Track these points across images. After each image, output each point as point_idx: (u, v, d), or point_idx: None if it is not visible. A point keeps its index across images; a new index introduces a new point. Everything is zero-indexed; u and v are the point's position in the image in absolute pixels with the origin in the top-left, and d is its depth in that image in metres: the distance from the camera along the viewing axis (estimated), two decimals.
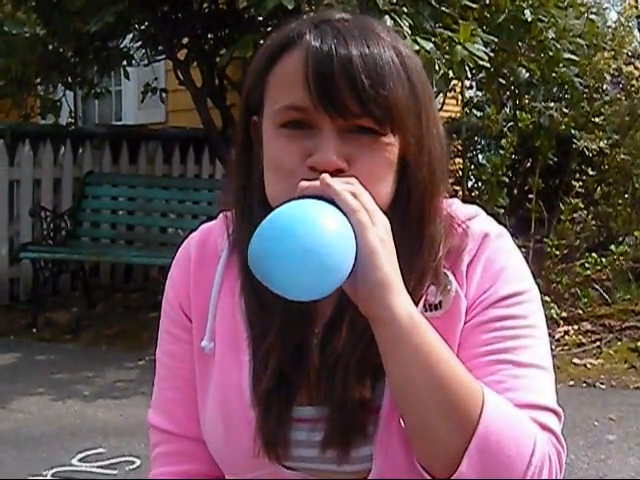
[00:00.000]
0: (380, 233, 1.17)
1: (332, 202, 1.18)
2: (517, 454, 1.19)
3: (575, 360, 6.48)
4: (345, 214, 1.17)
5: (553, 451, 1.24)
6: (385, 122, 1.24)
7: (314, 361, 1.32)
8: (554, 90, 8.50)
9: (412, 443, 1.24)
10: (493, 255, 1.35)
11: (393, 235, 1.20)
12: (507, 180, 7.69)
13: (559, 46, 7.36)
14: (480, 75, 7.91)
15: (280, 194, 1.25)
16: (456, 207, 1.39)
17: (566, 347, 6.74)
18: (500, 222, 1.43)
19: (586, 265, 7.47)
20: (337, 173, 1.22)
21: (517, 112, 8.12)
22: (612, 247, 7.61)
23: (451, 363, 1.21)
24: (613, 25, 10.05)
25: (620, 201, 9.19)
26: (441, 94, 7.94)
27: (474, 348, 1.30)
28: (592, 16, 8.14)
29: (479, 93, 9.67)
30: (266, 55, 1.32)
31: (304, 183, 1.19)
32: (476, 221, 1.38)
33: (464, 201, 1.44)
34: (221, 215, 1.46)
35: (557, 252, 7.48)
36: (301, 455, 1.33)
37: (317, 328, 1.35)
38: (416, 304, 1.24)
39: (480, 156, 9.75)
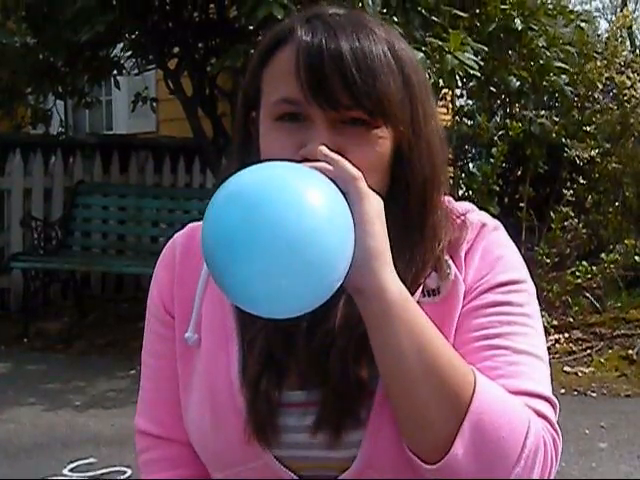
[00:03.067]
0: (377, 204, 1.19)
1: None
2: (510, 436, 1.18)
3: (566, 368, 6.49)
4: (337, 185, 1.17)
5: (548, 436, 1.23)
6: (376, 114, 1.25)
7: (304, 344, 1.31)
8: (545, 98, 8.53)
9: (401, 427, 1.23)
10: (490, 245, 1.36)
11: (395, 226, 1.22)
12: (498, 189, 7.70)
13: (549, 54, 7.38)
14: (471, 84, 7.93)
15: None
16: (452, 203, 1.41)
17: (557, 355, 6.75)
18: None
19: (577, 273, 7.49)
20: None
21: (508, 120, 8.13)
22: (603, 255, 7.63)
23: (442, 343, 1.21)
24: (605, 34, 10.09)
25: (611, 209, 9.21)
26: None
27: (469, 332, 1.30)
28: (581, 24, 8.16)
29: (470, 102, 9.68)
30: (261, 52, 1.34)
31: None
32: (473, 213, 1.40)
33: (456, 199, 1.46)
34: None
35: (548, 260, 7.49)
36: (291, 441, 1.32)
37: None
38: (415, 292, 1.26)
39: (471, 165, 9.75)
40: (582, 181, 8.94)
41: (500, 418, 1.18)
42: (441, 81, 6.00)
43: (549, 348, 6.81)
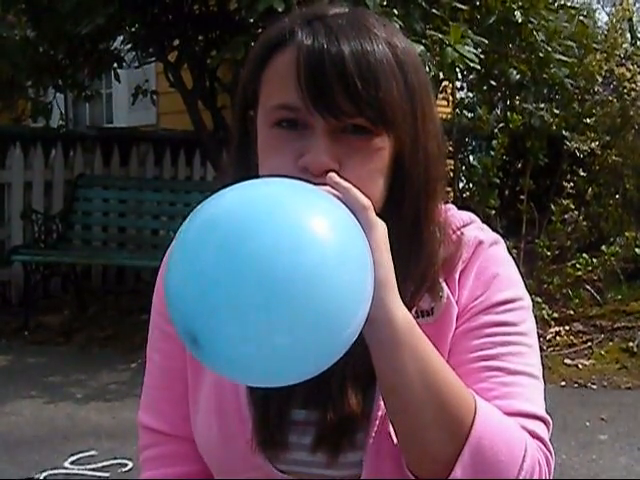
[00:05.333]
0: (383, 230, 1.15)
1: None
2: (509, 459, 1.19)
3: (566, 361, 6.50)
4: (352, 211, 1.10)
5: (542, 457, 1.24)
6: (378, 122, 1.22)
7: None
8: (545, 91, 8.50)
9: (403, 449, 1.23)
10: (486, 263, 1.35)
11: (390, 239, 1.19)
12: (498, 181, 7.69)
13: (549, 47, 7.36)
14: (471, 76, 7.92)
15: None
16: (452, 213, 1.39)
17: (557, 348, 6.76)
18: (491, 223, 1.43)
19: (577, 266, 7.48)
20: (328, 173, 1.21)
21: (508, 113, 8.12)
22: (603, 248, 7.63)
23: (445, 369, 1.20)
24: (604, 26, 10.07)
25: (611, 202, 9.21)
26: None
27: (464, 354, 1.30)
28: (582, 18, 8.15)
29: (470, 94, 9.66)
30: (259, 52, 1.30)
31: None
32: (470, 228, 1.38)
33: (458, 206, 1.44)
34: None
35: (548, 253, 7.49)
36: (292, 458, 1.33)
37: None
38: (410, 310, 1.23)
39: (471, 157, 9.74)
40: (582, 173, 8.94)
41: (499, 442, 1.19)
42: (441, 74, 6.00)
43: (550, 340, 6.81)
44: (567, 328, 7.15)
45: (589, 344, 6.83)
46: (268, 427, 1.31)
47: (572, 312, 7.41)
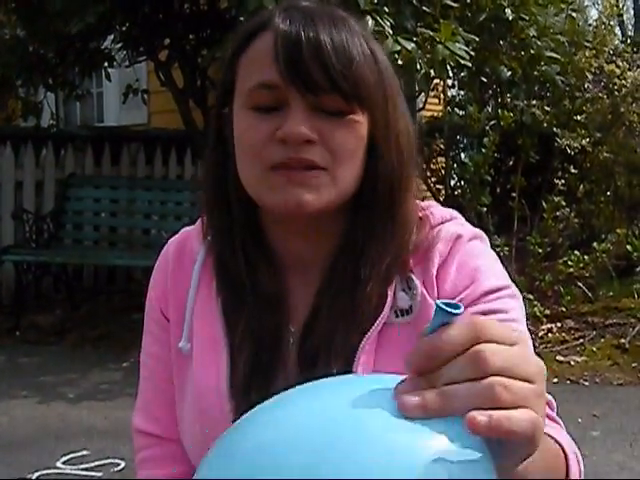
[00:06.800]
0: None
1: None
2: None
3: (559, 357, 6.51)
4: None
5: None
6: (353, 99, 1.24)
7: (291, 357, 1.32)
8: (536, 88, 8.52)
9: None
10: (466, 256, 1.33)
11: (364, 222, 1.22)
12: (490, 179, 7.70)
13: (540, 44, 7.37)
14: (462, 74, 7.92)
15: (252, 173, 1.26)
16: (432, 210, 1.38)
17: (549, 344, 6.77)
18: (483, 220, 1.42)
19: (569, 263, 7.50)
20: (307, 145, 1.22)
21: (499, 110, 8.13)
22: (595, 244, 7.65)
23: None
24: (594, 23, 10.09)
25: (602, 199, 9.22)
26: (423, 93, 7.94)
27: None
28: (572, 13, 8.17)
29: (461, 92, 9.67)
30: (236, 42, 1.33)
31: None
32: (450, 224, 1.37)
33: (446, 201, 1.43)
34: (200, 219, 1.45)
35: (540, 250, 7.50)
36: None
37: (293, 326, 1.35)
38: (386, 296, 1.27)
39: (462, 155, 9.74)
40: (573, 170, 8.95)
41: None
42: (432, 71, 5.99)
43: (542, 337, 6.83)
44: (559, 325, 7.17)
45: (581, 341, 6.85)
46: None
47: (564, 309, 7.42)
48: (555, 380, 6.02)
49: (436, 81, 8.19)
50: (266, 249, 1.37)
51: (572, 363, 6.41)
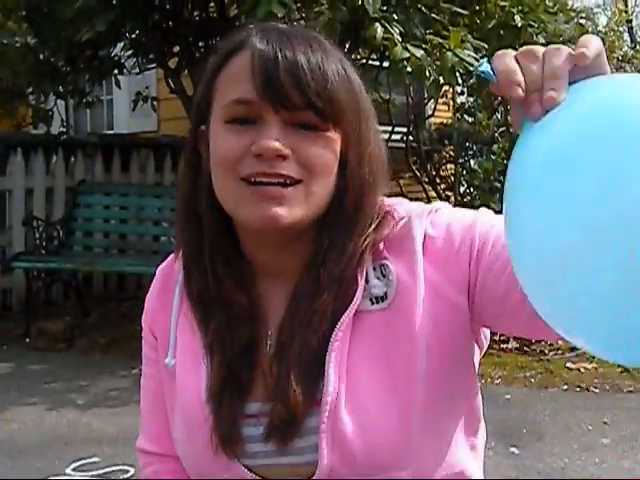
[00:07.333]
0: None
1: None
2: None
3: (569, 364, 6.50)
4: None
5: None
6: (327, 116, 1.27)
7: (268, 360, 1.35)
8: None
9: None
10: (439, 220, 1.35)
11: (328, 232, 1.29)
12: (499, 185, 7.70)
13: None
14: (471, 81, 7.93)
15: (227, 186, 1.29)
16: (397, 207, 1.40)
17: (559, 352, 6.76)
18: None
19: None
20: (281, 160, 1.25)
21: (508, 117, 8.13)
22: None
23: None
24: (603, 29, 10.09)
25: None
26: (432, 100, 7.95)
27: (501, 275, 1.27)
28: (582, 21, 8.17)
29: (470, 99, 9.69)
30: (214, 61, 1.35)
31: None
32: (409, 206, 1.40)
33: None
34: None
35: None
36: (255, 451, 1.36)
37: (270, 329, 1.39)
38: (355, 291, 1.31)
39: (472, 161, 9.75)
40: None
41: None
42: (441, 78, 6.00)
43: (551, 344, 6.81)
44: None
45: None
46: (224, 422, 1.34)
47: None
48: (565, 387, 6.00)
49: (445, 88, 8.21)
50: (240, 260, 1.40)
51: (582, 370, 6.40)
